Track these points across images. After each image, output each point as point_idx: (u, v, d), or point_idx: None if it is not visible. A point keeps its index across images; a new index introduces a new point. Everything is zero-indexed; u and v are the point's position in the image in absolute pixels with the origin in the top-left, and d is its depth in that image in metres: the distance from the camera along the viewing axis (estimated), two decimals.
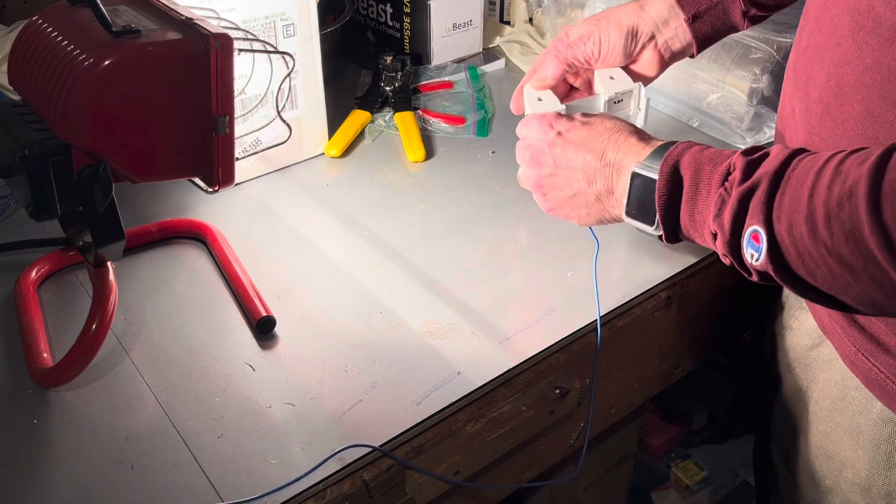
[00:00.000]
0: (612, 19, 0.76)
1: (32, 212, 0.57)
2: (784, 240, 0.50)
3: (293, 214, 0.85)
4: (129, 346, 0.68)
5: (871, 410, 0.66)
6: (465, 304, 0.73)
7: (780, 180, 0.51)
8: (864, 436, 0.67)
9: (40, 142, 0.56)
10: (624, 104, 0.78)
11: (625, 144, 0.64)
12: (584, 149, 0.66)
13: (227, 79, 0.59)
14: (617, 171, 0.64)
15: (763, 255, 0.52)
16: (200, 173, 0.63)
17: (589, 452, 0.92)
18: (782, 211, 0.50)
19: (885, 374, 0.63)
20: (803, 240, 0.49)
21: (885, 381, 0.63)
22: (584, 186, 0.66)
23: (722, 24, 0.77)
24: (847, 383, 0.67)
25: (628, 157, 0.63)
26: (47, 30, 0.58)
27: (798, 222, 0.49)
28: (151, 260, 0.79)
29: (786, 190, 0.51)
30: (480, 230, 0.82)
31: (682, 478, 1.51)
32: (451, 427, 0.63)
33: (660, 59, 0.78)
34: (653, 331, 0.77)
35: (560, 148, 0.67)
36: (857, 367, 0.66)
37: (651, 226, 0.62)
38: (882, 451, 0.66)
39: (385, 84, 1.06)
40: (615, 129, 0.66)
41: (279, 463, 0.58)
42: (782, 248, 0.50)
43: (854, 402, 0.67)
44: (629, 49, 0.77)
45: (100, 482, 0.57)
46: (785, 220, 0.50)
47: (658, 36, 0.77)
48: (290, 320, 0.71)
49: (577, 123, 0.68)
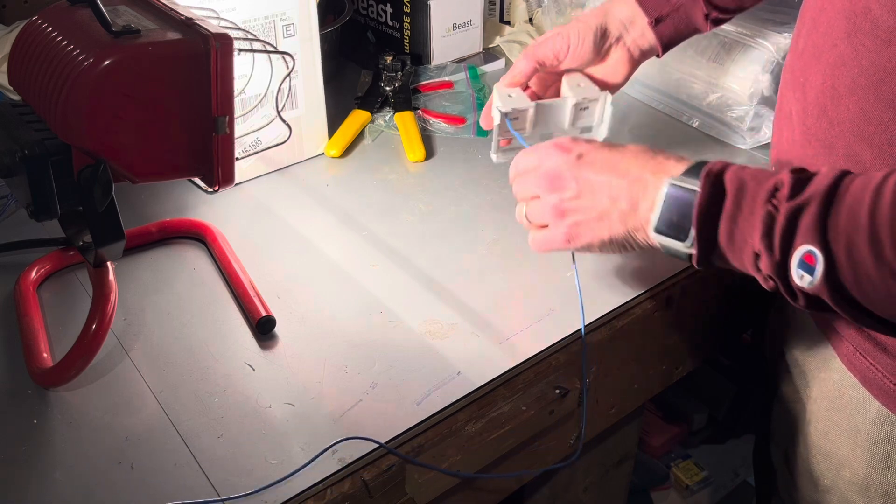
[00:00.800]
0: (581, 20, 0.78)
1: (32, 212, 0.57)
2: (842, 262, 0.47)
3: (293, 214, 0.85)
4: (129, 346, 0.68)
5: (868, 409, 0.66)
6: (465, 304, 0.73)
7: (833, 199, 0.49)
8: (861, 435, 0.67)
9: (40, 142, 0.56)
10: (589, 112, 0.78)
11: (653, 162, 0.60)
12: (608, 169, 0.62)
13: (227, 79, 0.59)
14: (645, 188, 0.59)
15: (819, 278, 0.49)
16: (200, 173, 0.63)
17: (589, 452, 0.92)
18: (839, 232, 0.48)
19: (883, 374, 0.63)
20: (865, 262, 0.46)
21: (883, 379, 0.63)
22: (608, 206, 0.61)
23: (685, 27, 0.79)
24: (844, 382, 0.67)
25: (658, 175, 0.59)
26: (47, 30, 0.58)
27: (859, 244, 0.47)
28: (151, 260, 0.79)
29: (840, 210, 0.48)
30: (480, 230, 0.82)
31: (682, 478, 1.51)
32: (451, 427, 0.63)
33: (629, 58, 0.79)
34: (653, 331, 0.77)
35: (583, 170, 0.63)
36: (854, 366, 0.66)
37: (683, 242, 0.57)
38: (880, 451, 0.66)
39: (385, 84, 1.06)
40: (640, 150, 0.62)
41: (279, 463, 0.58)
42: (840, 271, 0.48)
43: (852, 401, 0.67)
44: (598, 46, 0.77)
45: (100, 482, 0.57)
46: (843, 242, 0.47)
47: (625, 35, 0.78)
48: (290, 320, 0.71)
49: (598, 146, 0.64)
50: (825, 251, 0.48)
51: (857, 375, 0.66)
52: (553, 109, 0.78)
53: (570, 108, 0.77)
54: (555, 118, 0.79)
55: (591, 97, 0.77)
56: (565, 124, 0.80)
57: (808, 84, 0.62)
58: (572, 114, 0.78)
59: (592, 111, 0.79)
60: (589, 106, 0.78)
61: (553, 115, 0.78)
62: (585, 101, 0.77)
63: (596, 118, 0.79)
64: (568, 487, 0.94)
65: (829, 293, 0.49)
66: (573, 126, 0.80)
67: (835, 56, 0.58)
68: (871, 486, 0.68)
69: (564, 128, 0.80)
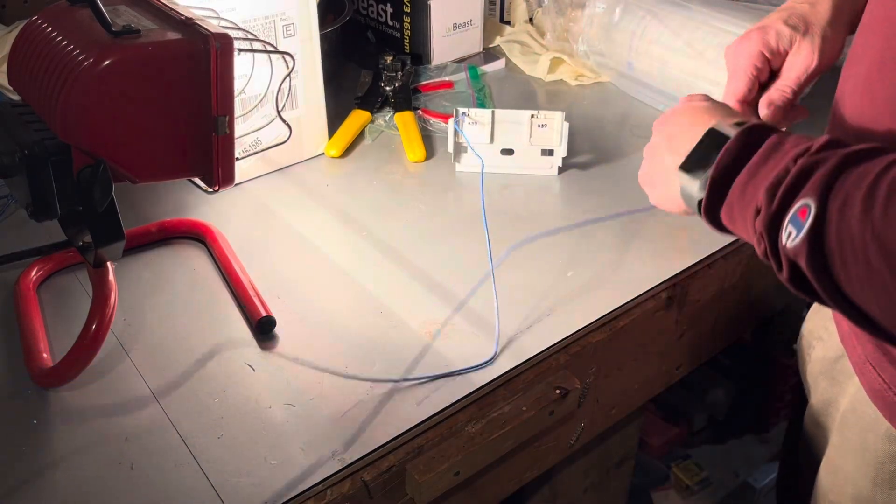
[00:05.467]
0: None
1: (32, 212, 0.57)
2: (832, 218, 0.44)
3: (293, 214, 0.85)
4: (129, 346, 0.68)
5: (879, 426, 0.63)
6: (466, 304, 0.73)
7: (856, 158, 0.45)
8: (869, 452, 0.65)
9: (40, 142, 0.56)
10: (548, 130, 0.87)
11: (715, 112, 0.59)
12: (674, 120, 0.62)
13: (227, 79, 0.59)
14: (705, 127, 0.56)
15: (802, 234, 0.45)
16: (200, 173, 0.63)
17: (589, 453, 0.92)
18: (843, 187, 0.44)
19: (888, 385, 0.60)
20: (852, 219, 0.42)
21: (886, 392, 0.61)
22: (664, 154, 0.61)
23: None
24: (859, 397, 0.65)
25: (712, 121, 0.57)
26: (47, 30, 0.58)
27: (855, 199, 0.43)
28: (151, 260, 0.78)
29: (856, 168, 0.44)
30: (480, 230, 0.82)
31: (682, 478, 1.51)
32: (451, 427, 0.63)
33: None
34: (653, 331, 0.77)
35: (661, 124, 0.63)
36: (864, 377, 0.63)
37: (699, 181, 0.54)
38: (886, 470, 0.64)
39: (385, 84, 1.05)
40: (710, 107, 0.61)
41: (279, 463, 0.58)
42: (826, 227, 0.44)
43: (864, 416, 0.65)
44: None
45: (100, 482, 0.57)
46: (841, 197, 0.43)
47: None
48: (290, 320, 0.71)
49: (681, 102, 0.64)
50: (820, 204, 0.44)
51: (866, 387, 0.63)
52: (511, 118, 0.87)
53: (528, 120, 0.87)
54: (514, 131, 0.88)
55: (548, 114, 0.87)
56: (525, 139, 0.89)
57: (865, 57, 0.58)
58: (530, 127, 0.87)
59: (550, 131, 0.87)
60: (547, 124, 0.87)
61: (511, 126, 0.88)
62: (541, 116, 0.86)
63: (555, 139, 0.88)
64: (568, 488, 0.94)
65: (807, 254, 0.45)
66: (531, 144, 0.89)
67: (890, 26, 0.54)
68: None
69: (524, 143, 0.89)
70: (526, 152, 0.90)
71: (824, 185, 0.44)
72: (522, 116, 0.88)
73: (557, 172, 0.91)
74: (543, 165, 0.90)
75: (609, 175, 0.91)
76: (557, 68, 1.13)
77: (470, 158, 0.90)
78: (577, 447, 0.76)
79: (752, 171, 0.50)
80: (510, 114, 0.88)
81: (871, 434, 0.64)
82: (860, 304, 0.44)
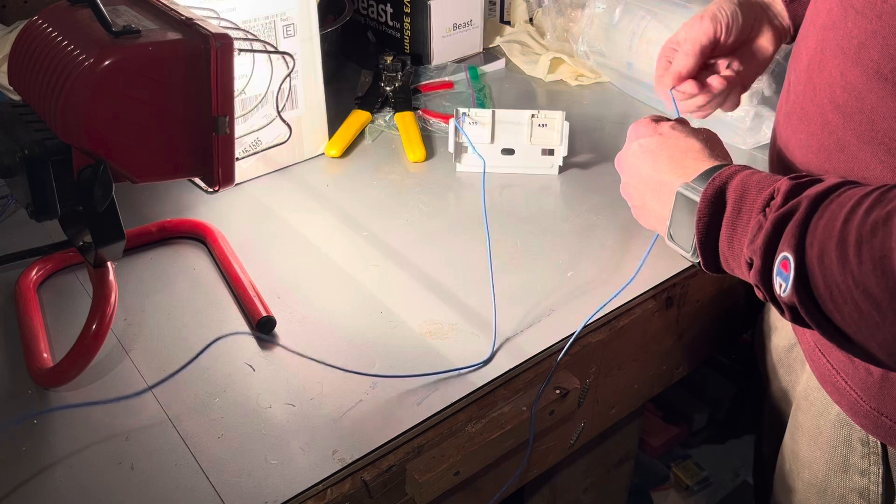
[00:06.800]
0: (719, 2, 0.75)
1: (32, 212, 0.57)
2: (814, 268, 0.45)
3: (293, 214, 0.85)
4: (129, 346, 0.68)
5: (830, 411, 0.65)
6: (465, 304, 0.73)
7: (821, 204, 0.47)
8: (822, 437, 0.66)
9: (40, 142, 0.56)
10: (548, 130, 0.87)
11: (682, 162, 0.62)
12: (650, 161, 0.66)
13: (227, 79, 0.59)
14: (669, 191, 0.61)
15: (790, 286, 0.47)
16: (200, 173, 0.63)
17: (589, 452, 0.92)
18: (816, 236, 0.45)
19: (836, 370, 0.61)
20: (832, 267, 0.44)
21: (835, 377, 0.62)
22: (647, 199, 0.67)
23: None
24: (811, 383, 0.67)
25: (678, 178, 0.60)
26: (47, 30, 0.58)
27: (829, 248, 0.44)
28: (151, 260, 0.79)
29: (824, 214, 0.46)
30: (480, 230, 0.82)
31: (682, 478, 1.51)
32: (451, 427, 0.63)
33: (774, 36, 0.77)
34: (653, 331, 0.77)
35: (634, 158, 0.68)
36: (814, 363, 0.65)
37: (689, 252, 0.59)
38: (838, 454, 0.65)
39: (385, 84, 1.06)
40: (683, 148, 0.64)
41: (279, 463, 0.58)
42: (811, 277, 0.45)
43: (815, 402, 0.66)
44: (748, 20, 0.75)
45: (100, 482, 0.57)
46: (817, 246, 0.45)
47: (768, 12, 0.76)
48: (290, 320, 0.71)
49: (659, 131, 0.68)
50: (798, 256, 0.46)
51: (816, 373, 0.64)
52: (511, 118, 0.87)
53: (528, 120, 0.87)
54: (514, 131, 0.88)
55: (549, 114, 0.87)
56: (525, 139, 0.88)
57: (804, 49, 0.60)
58: (529, 127, 0.87)
59: (551, 130, 0.87)
60: (547, 124, 0.87)
61: (512, 126, 0.88)
62: (542, 116, 0.87)
63: (555, 139, 0.88)
64: (568, 487, 0.94)
65: (799, 301, 0.47)
66: (531, 143, 0.89)
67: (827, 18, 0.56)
68: (828, 490, 0.67)
69: (525, 142, 0.89)
70: (526, 152, 0.90)
71: (798, 238, 0.46)
72: (523, 116, 0.88)
73: (558, 172, 0.91)
74: (544, 165, 0.90)
75: (609, 175, 0.91)
76: (557, 68, 1.13)
77: (470, 158, 0.90)
78: (577, 447, 0.76)
79: (731, 224, 0.54)
80: (510, 114, 0.88)
81: (822, 419, 0.66)
82: (860, 342, 0.46)
